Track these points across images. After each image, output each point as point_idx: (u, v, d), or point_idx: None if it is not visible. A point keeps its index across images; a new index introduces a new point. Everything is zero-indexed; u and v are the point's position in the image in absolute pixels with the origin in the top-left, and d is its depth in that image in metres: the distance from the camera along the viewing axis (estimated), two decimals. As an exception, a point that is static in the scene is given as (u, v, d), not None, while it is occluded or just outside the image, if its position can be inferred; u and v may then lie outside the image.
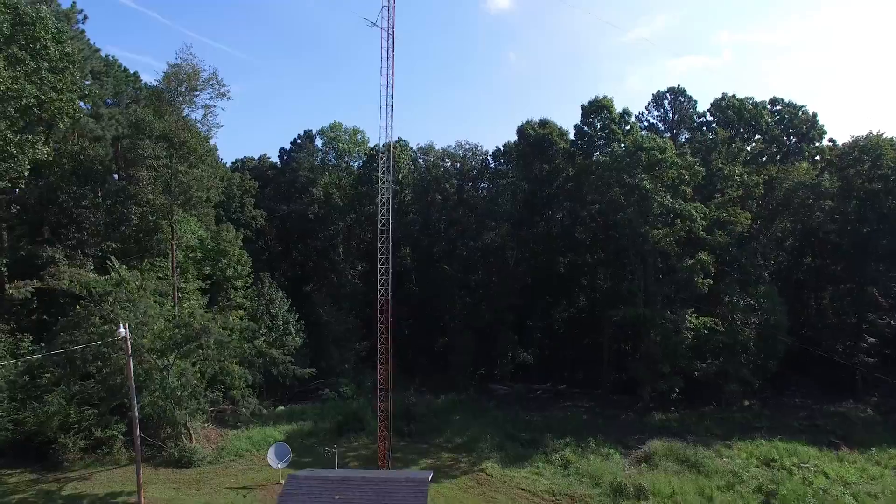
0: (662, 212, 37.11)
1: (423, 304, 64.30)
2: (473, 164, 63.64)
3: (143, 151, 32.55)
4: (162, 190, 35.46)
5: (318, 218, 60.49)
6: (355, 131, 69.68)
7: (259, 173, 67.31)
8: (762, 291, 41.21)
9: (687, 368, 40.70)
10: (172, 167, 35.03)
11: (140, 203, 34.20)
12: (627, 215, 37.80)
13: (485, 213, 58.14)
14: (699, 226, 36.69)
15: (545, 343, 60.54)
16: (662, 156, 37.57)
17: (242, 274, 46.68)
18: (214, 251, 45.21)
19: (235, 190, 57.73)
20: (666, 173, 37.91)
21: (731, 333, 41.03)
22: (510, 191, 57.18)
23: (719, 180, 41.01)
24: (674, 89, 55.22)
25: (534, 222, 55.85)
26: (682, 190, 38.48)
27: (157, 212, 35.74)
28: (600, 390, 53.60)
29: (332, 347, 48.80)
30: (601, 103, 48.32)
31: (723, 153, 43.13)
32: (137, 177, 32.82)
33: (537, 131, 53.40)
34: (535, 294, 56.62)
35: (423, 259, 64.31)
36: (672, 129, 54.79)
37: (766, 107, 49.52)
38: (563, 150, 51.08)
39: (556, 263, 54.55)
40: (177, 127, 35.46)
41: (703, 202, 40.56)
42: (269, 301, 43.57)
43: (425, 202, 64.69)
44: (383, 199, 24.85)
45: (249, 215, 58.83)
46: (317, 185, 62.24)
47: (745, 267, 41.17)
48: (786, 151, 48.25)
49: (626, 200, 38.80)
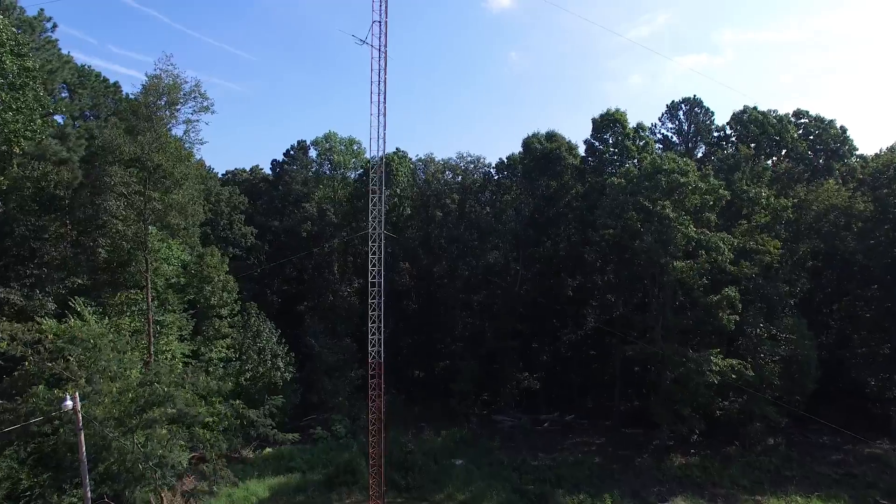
0: (686, 243, 33.78)
1: (423, 323, 61.16)
2: (476, 176, 60.36)
3: (110, 179, 29.23)
4: (135, 218, 32.18)
5: (311, 235, 57.20)
6: (351, 141, 66.49)
7: (250, 186, 64.07)
8: (789, 324, 37.90)
9: (707, 407, 37.46)
10: (146, 194, 31.74)
11: (109, 234, 30.88)
12: (645, 244, 34.48)
13: (488, 231, 54.85)
14: (726, 258, 33.36)
15: (551, 367, 57.27)
16: (684, 179, 34.22)
17: (228, 301, 43.43)
18: (198, 278, 41.98)
19: (224, 207, 54.43)
20: (688, 198, 34.58)
21: (755, 367, 37.77)
22: (514, 207, 53.90)
23: (745, 203, 37.65)
24: (689, 100, 51.91)
25: (540, 241, 52.57)
26: (705, 217, 35.14)
27: (130, 241, 32.44)
28: (611, 421, 50.41)
29: (324, 378, 45.55)
30: (613, 117, 45.05)
31: (746, 172, 39.75)
32: (104, 206, 29.45)
33: (544, 145, 50.07)
34: (541, 317, 53.34)
35: (423, 275, 61.12)
36: (688, 143, 51.49)
37: (791, 120, 46.11)
38: (573, 167, 47.74)
39: (563, 286, 51.25)
40: (150, 149, 32.14)
41: (727, 227, 37.26)
42: (255, 333, 40.27)
43: (425, 217, 61.46)
44: (373, 250, 21.66)
45: (239, 233, 55.58)
46: (310, 200, 58.98)
47: (770, 297, 37.85)
48: (814, 169, 44.80)
49: (644, 227, 35.48)
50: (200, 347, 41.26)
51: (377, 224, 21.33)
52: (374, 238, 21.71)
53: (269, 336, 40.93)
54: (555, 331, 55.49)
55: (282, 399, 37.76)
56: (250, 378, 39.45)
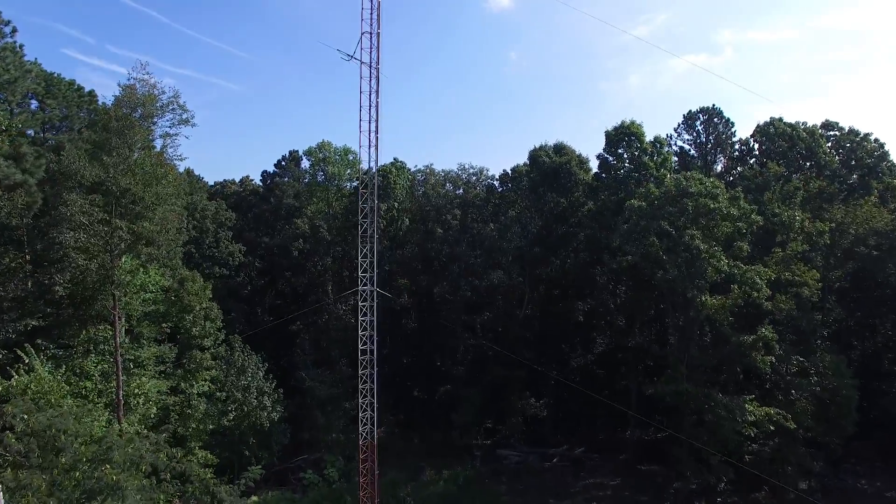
0: (717, 276, 30.29)
1: (422, 343, 57.78)
2: (478, 189, 56.87)
3: (67, 209, 25.66)
4: (101, 248, 28.61)
5: (303, 254, 53.64)
6: (346, 150, 62.77)
7: (240, 199, 60.53)
8: (826, 361, 34.41)
9: (737, 452, 33.98)
10: (112, 223, 28.15)
11: (69, 269, 27.33)
12: (670, 275, 30.96)
13: (491, 249, 51.31)
14: (763, 295, 29.87)
15: (558, 393, 53.76)
16: (714, 204, 30.71)
17: (211, 331, 39.81)
18: (177, 306, 38.40)
19: (210, 224, 50.81)
20: (718, 226, 31.09)
21: (785, 405, 34.34)
22: (520, 223, 50.38)
23: (777, 228, 34.15)
24: (707, 109, 48.39)
25: (547, 261, 49.04)
26: (737, 246, 31.63)
27: (95, 275, 28.87)
28: (625, 455, 46.99)
29: (316, 413, 42.01)
30: (629, 130, 41.54)
31: (776, 192, 36.24)
32: (60, 240, 25.87)
33: (553, 158, 46.58)
34: (549, 341, 49.83)
35: (422, 292, 57.62)
36: (706, 156, 47.95)
37: (820, 133, 42.56)
38: (584, 183, 44.23)
39: (573, 310, 47.73)
40: (116, 172, 28.57)
41: (758, 255, 33.77)
42: (239, 369, 36.71)
43: (424, 231, 57.98)
44: (363, 310, 18.18)
45: (226, 251, 51.96)
46: (302, 216, 55.42)
47: (803, 328, 34.39)
48: (849, 188, 41.23)
49: (668, 255, 31.97)
50: (181, 382, 37.70)
51: (368, 281, 17.89)
52: (363, 297, 18.27)
53: (255, 371, 37.36)
54: (563, 356, 52.05)
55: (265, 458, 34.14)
56: (234, 419, 35.92)
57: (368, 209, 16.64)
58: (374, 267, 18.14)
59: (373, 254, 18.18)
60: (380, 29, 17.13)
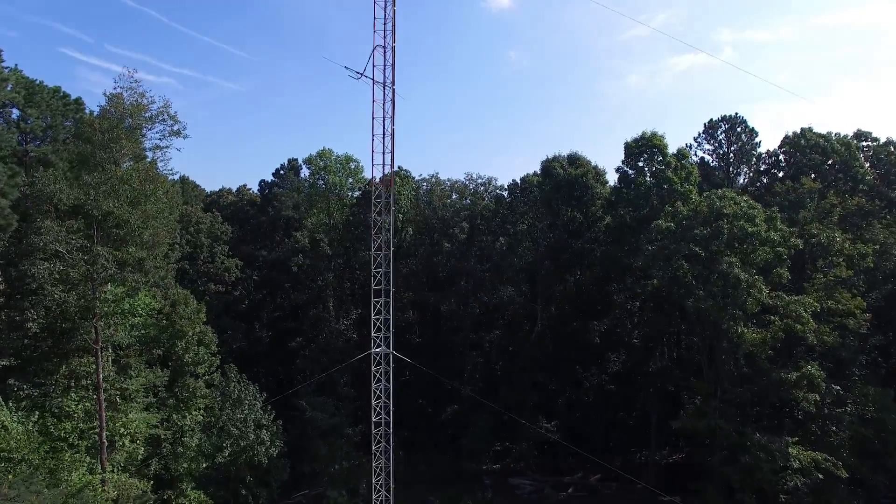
0: (757, 308, 27.70)
1: (428, 360, 55.14)
2: (487, 201, 54.24)
3: (40, 238, 23.01)
4: (82, 277, 25.99)
5: (303, 269, 51.00)
6: (347, 159, 60.23)
7: (237, 210, 57.89)
8: (869, 392, 31.83)
9: (772, 491, 31.43)
10: (93, 251, 25.54)
11: (44, 303, 24.69)
12: (703, 304, 28.36)
13: (501, 265, 48.73)
14: (809, 328, 27.27)
15: (572, 415, 51.16)
16: (752, 228, 28.12)
17: (205, 357, 37.13)
18: (168, 332, 35.71)
19: (204, 238, 48.15)
20: (758, 252, 28.50)
21: (824, 441, 31.79)
22: (531, 238, 47.81)
23: (816, 251, 31.56)
24: (729, 118, 45.85)
25: (561, 278, 46.49)
26: (776, 273, 29.02)
27: (74, 306, 26.25)
28: (644, 482, 44.44)
29: (318, 442, 39.38)
30: (650, 141, 38.99)
31: (811, 210, 33.67)
32: (32, 272, 23.22)
33: (567, 170, 43.99)
34: (563, 362, 47.24)
35: (427, 308, 55.06)
36: (729, 168, 45.38)
37: (854, 144, 39.95)
38: (602, 198, 41.66)
39: (588, 330, 45.10)
40: (98, 193, 25.97)
41: (796, 280, 31.20)
42: (235, 401, 34.06)
43: (430, 243, 55.35)
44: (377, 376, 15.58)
45: (222, 267, 49.27)
46: (302, 229, 52.80)
47: (845, 359, 31.84)
48: (889, 203, 38.45)
49: (700, 282, 29.38)
50: (172, 414, 35.03)
51: (382, 341, 15.29)
52: (377, 361, 15.67)
53: (252, 403, 34.70)
54: (577, 377, 49.47)
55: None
56: (229, 455, 33.27)
57: (382, 257, 14.24)
58: (389, 325, 15.57)
59: (387, 309, 15.56)
60: (395, 42, 14.57)
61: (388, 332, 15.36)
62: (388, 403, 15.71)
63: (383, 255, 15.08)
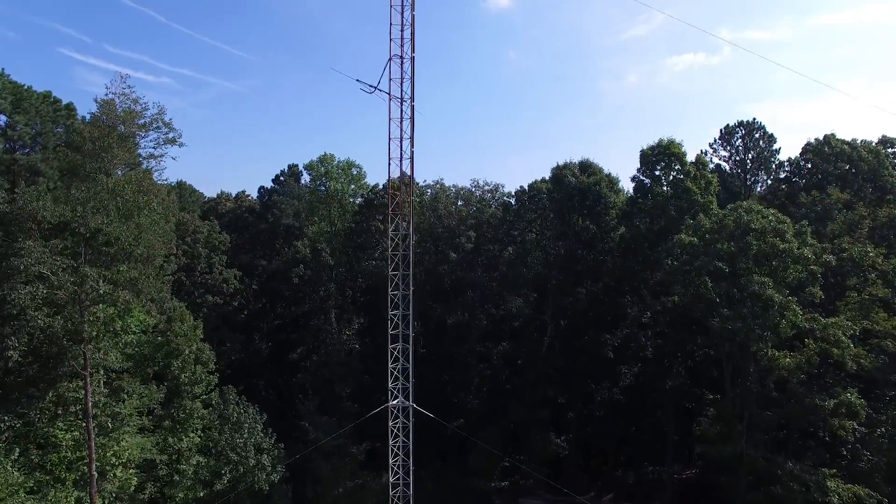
0: (791, 332, 25.99)
1: (433, 371, 53.50)
2: (493, 208, 52.47)
3: (20, 261, 21.26)
4: (68, 300, 24.26)
5: (303, 280, 49.29)
6: (349, 164, 58.56)
7: (235, 217, 56.13)
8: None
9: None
10: (80, 272, 23.80)
11: (26, 329, 22.94)
12: (731, 325, 26.66)
13: (508, 274, 46.98)
14: (849, 353, 25.57)
15: (584, 431, 49.47)
16: (784, 245, 26.41)
17: (202, 377, 35.35)
18: (163, 351, 33.95)
19: (201, 248, 46.39)
20: (790, 270, 26.80)
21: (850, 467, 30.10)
22: (540, 248, 46.06)
23: (848, 267, 29.87)
24: (747, 124, 44.25)
25: (572, 290, 44.75)
26: (808, 292, 27.33)
27: (60, 331, 24.51)
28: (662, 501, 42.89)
29: (321, 464, 37.66)
30: (668, 149, 37.31)
31: (839, 222, 32.00)
32: (12, 298, 21.44)
33: (579, 178, 42.28)
34: (574, 376, 45.56)
35: (432, 319, 53.32)
36: (746, 175, 43.70)
37: (880, 149, 38.27)
38: (616, 207, 39.99)
39: (601, 344, 43.40)
40: (86, 210, 24.25)
41: (828, 298, 29.51)
42: (234, 425, 32.30)
43: (434, 252, 53.62)
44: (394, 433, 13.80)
45: (220, 278, 47.52)
46: (303, 237, 51.10)
47: (878, 381, 30.13)
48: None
49: (725, 300, 27.69)
50: (168, 437, 33.24)
51: (400, 392, 13.41)
52: (394, 414, 13.90)
53: (252, 426, 32.93)
54: (588, 391, 47.78)
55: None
56: (228, 482, 31.53)
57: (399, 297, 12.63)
58: (409, 375, 13.80)
59: (406, 357, 13.74)
60: (414, 52, 12.83)
61: (408, 381, 13.60)
62: (409, 462, 13.86)
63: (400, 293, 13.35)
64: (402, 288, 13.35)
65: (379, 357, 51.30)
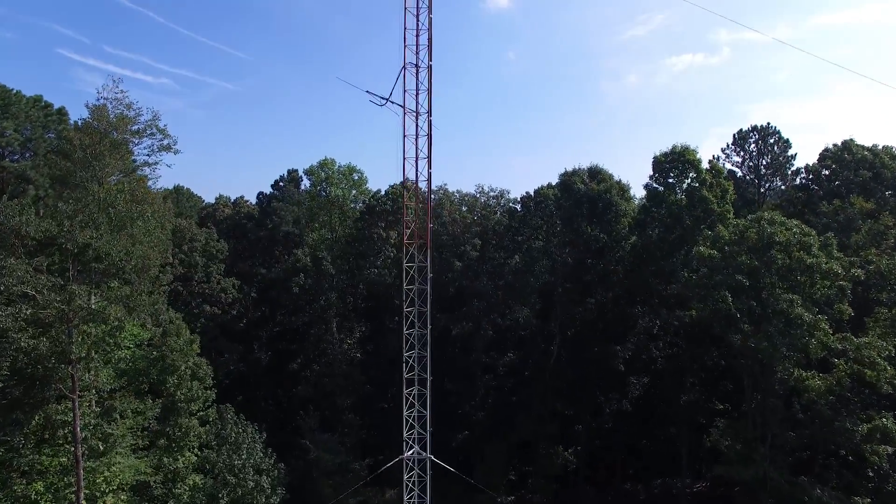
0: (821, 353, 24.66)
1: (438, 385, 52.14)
2: (499, 215, 51.05)
3: (1, 282, 19.87)
4: (55, 319, 22.85)
5: (304, 289, 47.90)
6: (350, 169, 57.22)
7: (234, 224, 54.71)
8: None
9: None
10: (68, 290, 22.39)
11: (8, 352, 21.56)
12: (752, 342, 25.33)
13: (515, 283, 45.59)
14: (883, 377, 24.20)
15: (593, 443, 48.06)
16: (811, 260, 25.08)
17: (199, 394, 33.91)
18: (158, 367, 32.52)
19: (199, 257, 45.00)
20: (818, 286, 25.47)
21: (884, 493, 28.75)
22: (547, 257, 44.66)
23: (874, 280, 28.53)
24: (761, 128, 42.89)
25: (581, 300, 43.41)
26: (837, 309, 26.02)
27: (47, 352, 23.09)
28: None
29: (323, 482, 36.31)
30: (682, 156, 35.97)
31: (864, 233, 30.68)
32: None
33: (588, 185, 40.94)
34: (583, 388, 44.20)
35: (437, 331, 51.88)
36: (760, 181, 42.37)
37: None
38: (628, 215, 38.65)
39: (611, 356, 42.01)
40: (74, 224, 22.86)
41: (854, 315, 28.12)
42: (233, 446, 30.88)
43: (438, 262, 52.24)
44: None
45: (218, 287, 46.13)
46: (303, 245, 49.73)
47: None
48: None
49: (746, 316, 26.34)
50: (163, 457, 31.81)
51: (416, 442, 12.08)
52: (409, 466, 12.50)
53: (251, 445, 31.51)
54: (597, 403, 46.41)
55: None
56: (227, 504, 30.13)
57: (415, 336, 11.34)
58: (427, 423, 12.39)
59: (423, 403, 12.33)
60: (431, 60, 11.43)
61: (426, 430, 12.19)
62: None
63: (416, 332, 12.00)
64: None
65: (381, 366, 50.08)
